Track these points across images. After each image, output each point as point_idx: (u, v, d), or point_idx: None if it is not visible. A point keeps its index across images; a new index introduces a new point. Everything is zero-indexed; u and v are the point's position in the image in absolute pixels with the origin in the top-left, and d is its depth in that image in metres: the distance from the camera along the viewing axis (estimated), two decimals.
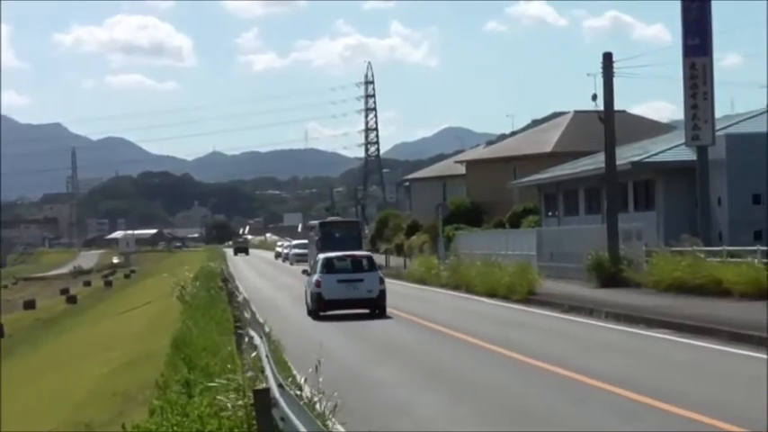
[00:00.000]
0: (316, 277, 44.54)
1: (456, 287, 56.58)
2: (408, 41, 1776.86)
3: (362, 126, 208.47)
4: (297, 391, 15.59)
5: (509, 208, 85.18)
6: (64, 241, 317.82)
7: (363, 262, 45.84)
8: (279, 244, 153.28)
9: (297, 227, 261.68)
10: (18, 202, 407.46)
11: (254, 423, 14.02)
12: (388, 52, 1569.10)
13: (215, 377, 19.03)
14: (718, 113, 51.51)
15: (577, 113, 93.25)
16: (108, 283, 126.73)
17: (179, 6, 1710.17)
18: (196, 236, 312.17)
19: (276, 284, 72.16)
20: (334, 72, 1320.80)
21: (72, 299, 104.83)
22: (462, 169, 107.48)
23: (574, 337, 32.12)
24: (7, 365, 52.96)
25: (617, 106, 53.63)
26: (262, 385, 14.84)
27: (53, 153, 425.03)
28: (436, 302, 49.38)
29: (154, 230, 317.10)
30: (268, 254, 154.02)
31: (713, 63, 50.02)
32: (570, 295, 44.24)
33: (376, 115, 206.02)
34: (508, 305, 45.31)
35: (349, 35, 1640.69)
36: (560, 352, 27.21)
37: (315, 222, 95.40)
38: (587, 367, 23.68)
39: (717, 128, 50.77)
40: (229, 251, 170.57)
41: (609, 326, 34.66)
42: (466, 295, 52.43)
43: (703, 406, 17.98)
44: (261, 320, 29.49)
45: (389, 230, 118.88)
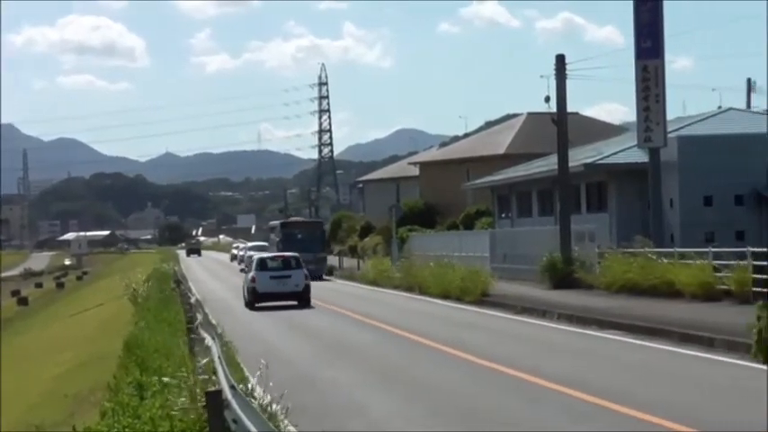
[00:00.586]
0: (251, 274, 51.91)
1: (409, 289, 56.68)
2: (362, 43, 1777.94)
3: (316, 127, 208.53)
4: (249, 393, 15.60)
5: (462, 209, 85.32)
6: (15, 243, 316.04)
7: (291, 261, 52.93)
8: (235, 246, 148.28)
9: (250, 228, 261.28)
10: None
11: (207, 425, 14.04)
12: (341, 53, 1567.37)
13: (167, 379, 19.04)
14: (669, 116, 51.78)
15: (530, 115, 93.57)
16: (60, 285, 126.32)
17: (131, 7, 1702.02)
18: (149, 237, 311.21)
19: (229, 285, 71.99)
20: (287, 73, 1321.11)
21: (23, 301, 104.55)
22: (416, 171, 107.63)
23: (526, 338, 32.25)
24: None
25: (570, 108, 53.87)
26: (214, 387, 14.86)
27: (4, 154, 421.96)
28: (389, 304, 49.44)
29: (106, 232, 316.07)
30: (221, 255, 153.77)
31: (665, 66, 50.23)
32: (523, 297, 44.39)
33: (329, 116, 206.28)
34: (461, 306, 45.40)
35: (302, 36, 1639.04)
36: (513, 353, 27.33)
37: (275, 223, 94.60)
38: (539, 368, 23.79)
39: (669, 130, 50.99)
40: (182, 253, 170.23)
41: (561, 327, 34.80)
42: (419, 297, 52.51)
43: (653, 406, 18.10)
44: (213, 322, 29.48)
45: (343, 232, 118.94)
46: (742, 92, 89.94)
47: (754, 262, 37.51)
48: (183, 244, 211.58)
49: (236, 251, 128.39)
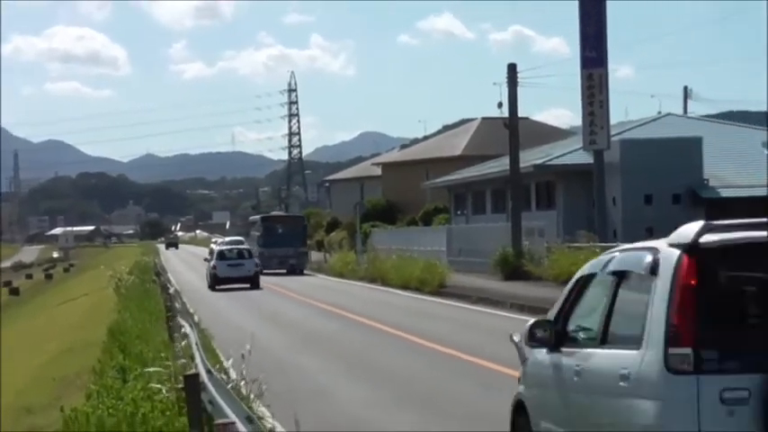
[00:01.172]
0: (213, 263, 61.07)
1: (372, 280, 56.68)
2: (327, 52, 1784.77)
3: (286, 130, 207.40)
4: (224, 377, 15.52)
5: (421, 207, 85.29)
6: (6, 237, 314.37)
7: (245, 253, 62.63)
8: (213, 240, 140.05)
9: (225, 224, 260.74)
10: None
11: (184, 406, 13.97)
12: (308, 62, 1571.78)
13: (148, 363, 18.94)
14: (612, 120, 51.87)
15: (484, 120, 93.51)
16: (48, 276, 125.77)
17: (113, 18, 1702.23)
18: (131, 232, 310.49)
19: (203, 276, 71.83)
20: (258, 80, 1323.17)
21: (15, 291, 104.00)
22: (378, 171, 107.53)
23: (481, 326, 32.23)
24: None
25: (521, 113, 53.98)
26: (191, 371, 14.78)
27: None
28: (354, 294, 49.38)
29: (91, 227, 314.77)
30: (198, 249, 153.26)
31: (608, 74, 50.32)
32: (478, 288, 44.40)
33: (298, 120, 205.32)
34: (420, 297, 45.39)
35: (272, 46, 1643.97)
36: (470, 341, 27.31)
37: (256, 217, 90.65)
38: (495, 355, 23.73)
39: (612, 133, 51.08)
40: (162, 246, 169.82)
41: (513, 316, 34.75)
42: (382, 288, 52.51)
43: None
44: (191, 311, 29.36)
45: (311, 227, 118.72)
46: (679, 98, 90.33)
47: None
48: (163, 238, 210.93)
49: (214, 246, 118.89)
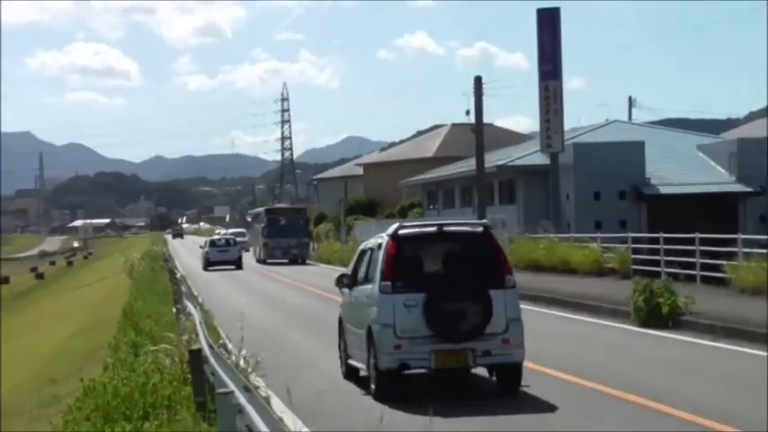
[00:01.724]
0: (206, 249, 67.87)
1: None
2: (315, 66, 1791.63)
3: (279, 135, 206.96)
4: (224, 351, 15.54)
5: (398, 202, 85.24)
6: (33, 229, 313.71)
7: (231, 242, 70.02)
8: (217, 232, 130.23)
9: (225, 217, 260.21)
10: None
11: (189, 377, 13.99)
12: (298, 75, 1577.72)
13: (157, 340, 18.94)
14: (566, 126, 51.93)
15: (454, 126, 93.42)
16: (69, 263, 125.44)
17: (126, 36, 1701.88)
18: (142, 224, 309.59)
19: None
20: (254, 91, 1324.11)
21: (40, 276, 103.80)
22: (360, 171, 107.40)
23: None
24: None
25: (485, 120, 54.06)
26: (196, 346, 14.80)
27: (24, 156, 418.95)
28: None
29: (107, 220, 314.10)
30: (201, 239, 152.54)
31: (563, 85, 50.43)
32: None
33: (290, 126, 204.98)
34: None
35: (266, 61, 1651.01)
36: None
37: (260, 209, 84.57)
38: None
39: (566, 138, 51.18)
40: (169, 237, 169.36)
41: None
42: None
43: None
44: (195, 293, 29.34)
45: None
46: (624, 107, 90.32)
47: (633, 245, 37.77)
48: (170, 230, 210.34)
49: (218, 236, 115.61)
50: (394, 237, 16.13)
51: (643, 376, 16.81)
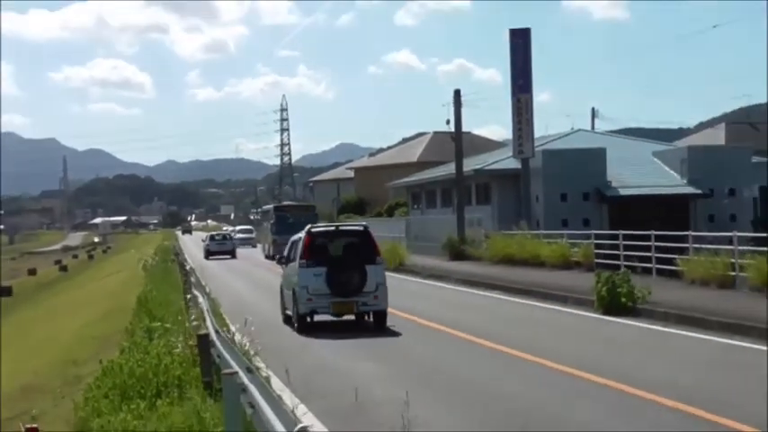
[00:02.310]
0: (207, 243, 73.27)
1: None
2: (312, 80, 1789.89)
3: (279, 141, 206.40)
4: (229, 336, 15.51)
5: (386, 202, 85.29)
6: (57, 226, 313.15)
7: (227, 236, 76.27)
8: (224, 229, 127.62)
9: (230, 215, 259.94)
10: (22, 196, 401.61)
11: (198, 359, 13.97)
12: (296, 88, 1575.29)
13: (169, 326, 18.91)
14: (536, 134, 51.89)
15: (435, 133, 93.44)
16: (90, 257, 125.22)
17: (142, 52, 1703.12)
18: (156, 222, 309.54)
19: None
20: (256, 102, 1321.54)
21: (64, 268, 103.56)
22: (352, 174, 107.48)
23: (430, 296, 32.29)
24: (15, 317, 52.19)
25: (464, 128, 54.10)
26: (203, 331, 14.78)
27: (49, 160, 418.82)
28: None
29: (124, 218, 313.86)
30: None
31: (533, 98, 50.44)
32: (430, 266, 44.41)
33: (288, 134, 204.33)
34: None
35: (267, 75, 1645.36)
36: (420, 307, 27.31)
37: (269, 207, 78.43)
38: (441, 318, 23.83)
39: (536, 145, 51.17)
40: (179, 233, 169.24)
41: (457, 288, 34.85)
42: None
43: (520, 344, 18.18)
44: (203, 283, 29.30)
45: None
46: (588, 117, 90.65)
47: (596, 241, 37.82)
48: (180, 227, 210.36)
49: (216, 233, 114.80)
50: (308, 233, 23.52)
51: (592, 355, 16.83)
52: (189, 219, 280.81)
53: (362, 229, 24.19)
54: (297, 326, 22.93)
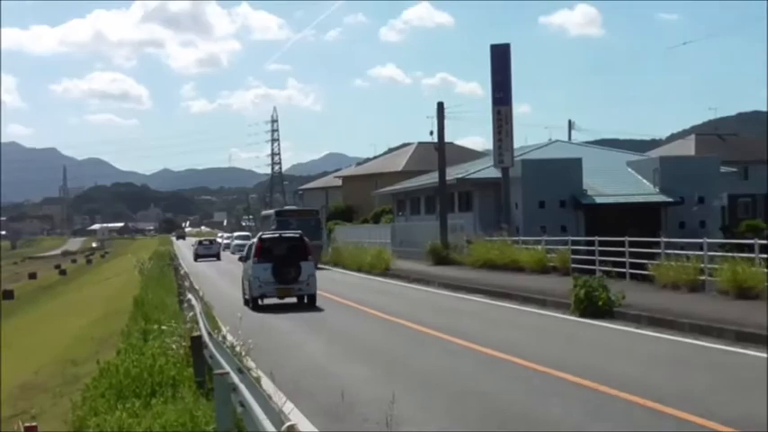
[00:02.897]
0: (196, 247, 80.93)
1: (335, 264, 56.54)
2: (301, 92, 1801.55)
3: (269, 151, 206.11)
4: (221, 337, 15.49)
5: (372, 209, 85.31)
6: (57, 231, 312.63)
7: (214, 241, 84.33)
8: (220, 236, 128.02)
9: (223, 222, 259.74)
10: (24, 203, 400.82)
11: (191, 360, 13.96)
12: (286, 100, 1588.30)
13: (164, 327, 18.87)
14: (515, 145, 52.04)
15: (420, 144, 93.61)
16: (89, 261, 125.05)
17: (139, 66, 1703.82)
18: (151, 228, 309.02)
19: (208, 263, 71.49)
20: (247, 113, 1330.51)
21: (63, 272, 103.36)
22: (339, 182, 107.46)
23: (415, 299, 32.24)
24: (16, 319, 52.03)
25: (447, 139, 54.16)
26: (197, 333, 14.76)
27: (49, 169, 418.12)
28: (318, 275, 49.14)
29: (121, 224, 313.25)
30: None
31: (512, 110, 50.57)
32: (414, 271, 44.43)
33: (279, 144, 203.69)
34: (371, 277, 45.36)
35: (258, 87, 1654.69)
36: (405, 310, 27.29)
37: (270, 212, 70.57)
38: (424, 320, 23.84)
39: (515, 155, 51.30)
40: (174, 238, 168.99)
41: (441, 292, 34.85)
42: (342, 270, 52.42)
43: (501, 346, 18.18)
44: (196, 287, 29.27)
45: None
46: (565, 129, 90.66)
47: (572, 247, 37.90)
48: (175, 233, 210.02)
49: (221, 239, 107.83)
50: (260, 239, 31.19)
51: (567, 355, 16.86)
52: (183, 225, 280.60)
53: (299, 236, 31.25)
54: (251, 306, 30.05)
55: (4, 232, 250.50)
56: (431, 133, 53.23)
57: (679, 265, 27.95)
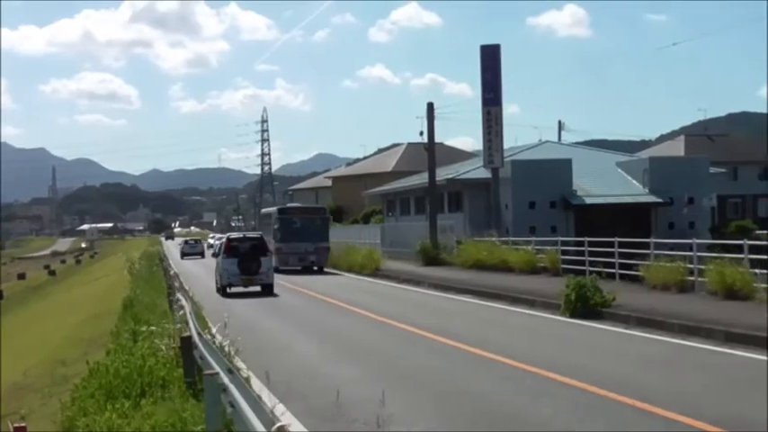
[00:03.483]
0: (182, 246, 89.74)
1: None
2: (290, 93, 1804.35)
3: (259, 151, 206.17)
4: (211, 338, 15.48)
5: (362, 210, 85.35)
6: (46, 232, 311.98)
7: (199, 242, 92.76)
8: (211, 236, 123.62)
9: (212, 222, 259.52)
10: (13, 203, 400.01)
11: (181, 360, 13.94)
12: (275, 100, 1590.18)
13: (154, 328, 18.85)
14: (505, 145, 52.08)
15: (410, 144, 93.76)
16: (78, 262, 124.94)
17: (128, 66, 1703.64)
18: (141, 228, 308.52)
19: (198, 263, 71.41)
20: (236, 114, 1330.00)
21: (52, 272, 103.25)
22: (329, 183, 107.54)
23: (406, 299, 32.24)
24: (5, 319, 51.90)
25: (437, 139, 54.15)
26: (186, 333, 14.75)
27: (39, 169, 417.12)
28: (310, 276, 49.12)
29: (111, 224, 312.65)
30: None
31: (502, 110, 50.61)
32: (404, 271, 44.43)
33: (268, 144, 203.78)
34: (361, 278, 45.34)
35: (247, 88, 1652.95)
36: (396, 310, 27.29)
37: (271, 209, 62.20)
38: (414, 321, 23.83)
39: (505, 156, 51.34)
40: (163, 239, 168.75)
41: (430, 292, 34.86)
42: (333, 270, 52.32)
43: (489, 346, 18.19)
44: (186, 287, 29.23)
45: None
46: (555, 129, 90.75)
47: (562, 248, 37.94)
48: (164, 233, 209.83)
49: (212, 240, 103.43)
50: (228, 239, 38.89)
51: (556, 355, 16.88)
52: (173, 225, 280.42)
53: (259, 236, 39.62)
54: (221, 293, 36.64)
55: None
56: (420, 134, 53.29)
57: (668, 266, 28.01)
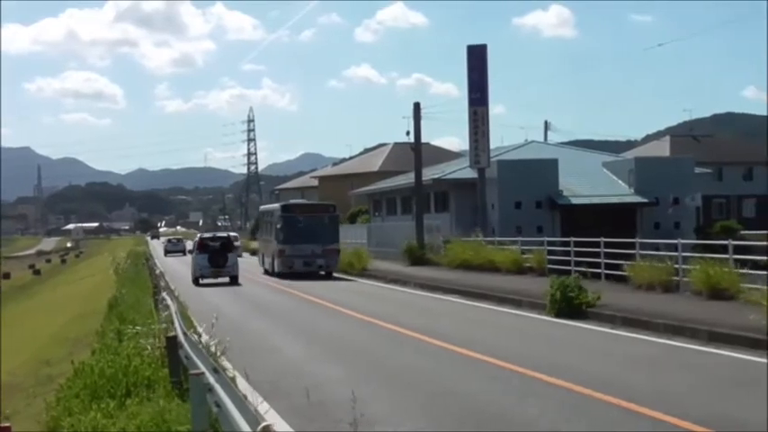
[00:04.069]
0: (165, 245, 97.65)
1: None
2: (276, 92, 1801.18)
3: (245, 151, 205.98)
4: (196, 337, 15.44)
5: (348, 210, 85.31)
6: (32, 231, 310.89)
7: (180, 240, 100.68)
8: (198, 236, 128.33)
9: (198, 222, 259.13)
10: None
11: (166, 360, 13.91)
12: (261, 99, 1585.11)
13: (139, 328, 18.81)
14: (491, 145, 52.15)
15: (396, 144, 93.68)
16: (63, 261, 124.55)
17: (113, 65, 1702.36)
18: (127, 228, 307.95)
19: (183, 262, 71.24)
20: (223, 113, 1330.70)
21: (37, 272, 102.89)
22: (316, 182, 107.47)
23: (393, 299, 32.23)
24: None
25: (423, 139, 54.17)
26: (172, 333, 14.71)
27: (24, 168, 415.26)
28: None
29: (96, 224, 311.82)
30: None
31: (488, 110, 50.63)
32: (391, 271, 44.41)
33: (255, 143, 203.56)
34: (348, 278, 45.26)
35: (233, 87, 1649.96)
36: (382, 310, 27.26)
37: (273, 206, 53.02)
38: (401, 321, 23.82)
39: (491, 155, 51.39)
40: (149, 239, 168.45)
41: (417, 292, 34.86)
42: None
43: (478, 346, 18.19)
44: (172, 287, 29.16)
45: None
46: (541, 129, 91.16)
47: (548, 247, 37.99)
48: (149, 233, 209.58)
49: (173, 237, 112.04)
50: (201, 237, 46.26)
51: (540, 354, 16.90)
52: (159, 225, 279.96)
53: (227, 235, 48.40)
54: (193, 282, 43.15)
55: None
56: (407, 133, 53.28)
57: (654, 266, 28.08)
